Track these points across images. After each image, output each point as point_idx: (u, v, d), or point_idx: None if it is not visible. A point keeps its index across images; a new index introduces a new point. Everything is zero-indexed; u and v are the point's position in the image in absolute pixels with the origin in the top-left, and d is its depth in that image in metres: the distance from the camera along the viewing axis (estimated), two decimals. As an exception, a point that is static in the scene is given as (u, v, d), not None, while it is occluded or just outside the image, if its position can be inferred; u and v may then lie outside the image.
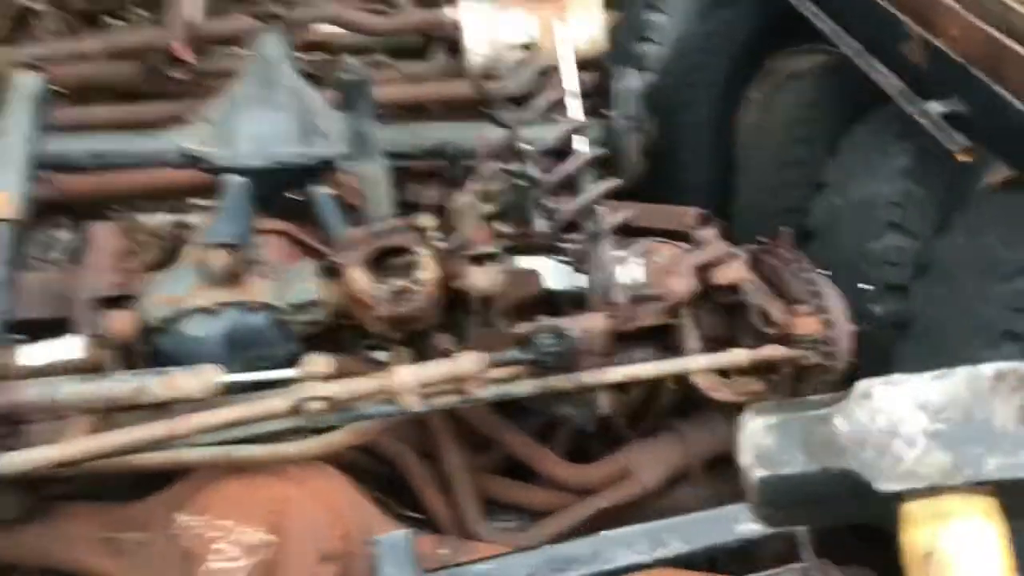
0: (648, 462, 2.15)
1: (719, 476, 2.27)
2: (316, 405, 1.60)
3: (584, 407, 1.95)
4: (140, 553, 1.91)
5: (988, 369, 0.82)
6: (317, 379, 1.65)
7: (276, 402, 1.61)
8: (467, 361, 1.69)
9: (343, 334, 2.20)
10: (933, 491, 0.79)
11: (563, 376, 1.80)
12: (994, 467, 0.78)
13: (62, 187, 2.98)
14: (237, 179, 2.11)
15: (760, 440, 0.87)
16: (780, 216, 2.57)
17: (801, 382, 2.03)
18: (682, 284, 1.96)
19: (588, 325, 1.87)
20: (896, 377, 0.85)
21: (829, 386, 2.03)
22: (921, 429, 0.81)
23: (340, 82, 2.10)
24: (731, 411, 2.15)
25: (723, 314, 2.19)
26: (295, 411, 1.61)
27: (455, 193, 2.16)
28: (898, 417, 0.82)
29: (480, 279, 1.94)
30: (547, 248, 2.22)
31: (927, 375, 0.84)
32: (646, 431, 2.24)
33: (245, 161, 2.77)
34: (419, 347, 2.21)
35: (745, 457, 0.87)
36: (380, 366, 2.13)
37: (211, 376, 1.67)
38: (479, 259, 1.97)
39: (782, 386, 2.05)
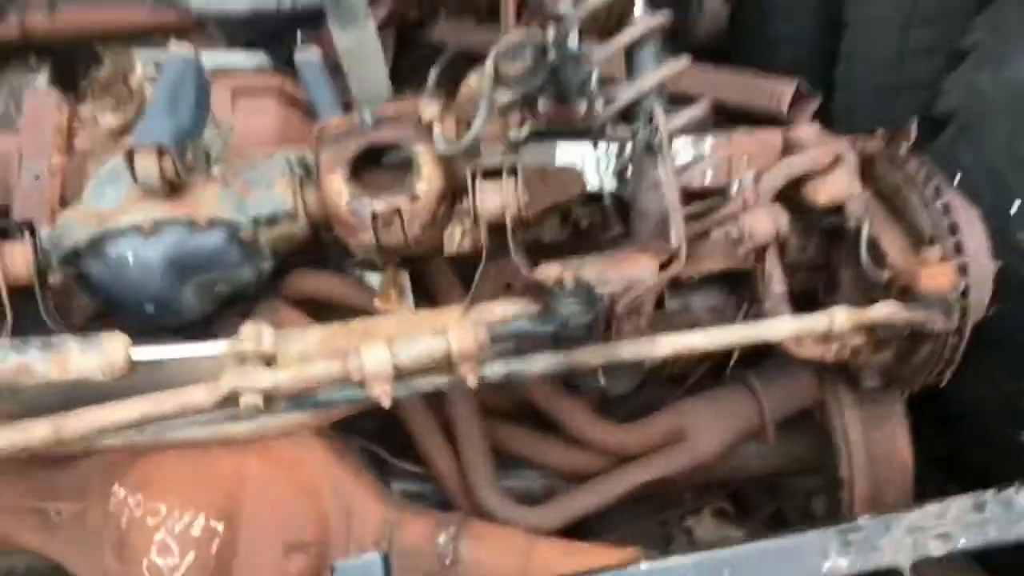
0: (707, 424, 1.70)
1: (794, 434, 1.82)
2: (250, 399, 1.17)
3: (621, 376, 1.49)
4: (73, 528, 1.57)
5: None
6: (255, 360, 1.21)
7: (198, 395, 1.18)
8: (458, 338, 1.23)
9: (329, 247, 1.74)
10: None
11: (591, 349, 1.33)
12: None
13: (23, 25, 2.53)
14: (180, 52, 1.59)
15: None
16: (902, 94, 1.98)
17: (918, 343, 1.52)
18: (767, 224, 1.42)
19: (633, 274, 1.38)
20: None
21: (955, 349, 1.53)
22: None
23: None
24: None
25: (820, 238, 1.67)
26: (224, 405, 1.19)
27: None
28: None
29: (490, 200, 1.44)
30: (591, 132, 1.69)
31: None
32: (706, 382, 1.78)
33: (223, 5, 2.27)
34: (422, 270, 1.75)
35: None
36: (370, 295, 1.70)
37: (116, 352, 1.24)
38: (491, 172, 1.47)
39: (891, 345, 1.56)
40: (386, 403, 1.20)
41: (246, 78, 2.22)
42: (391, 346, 1.23)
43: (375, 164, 1.67)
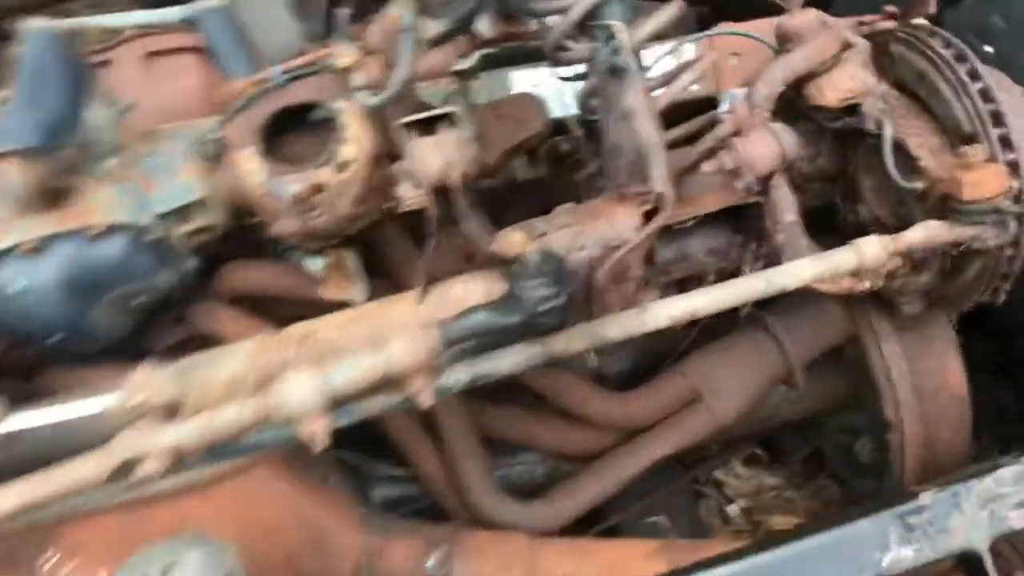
0: (724, 382, 1.46)
1: (827, 371, 1.58)
2: (152, 465, 0.93)
3: (615, 352, 1.24)
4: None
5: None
6: (151, 412, 0.97)
7: (85, 470, 0.94)
8: (403, 350, 0.98)
9: (258, 233, 1.48)
10: None
11: (571, 333, 1.07)
12: None
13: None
14: (37, 27, 1.31)
15: None
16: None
17: (966, 260, 1.26)
18: (768, 150, 1.15)
19: (611, 233, 1.12)
20: None
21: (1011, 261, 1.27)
22: None
23: None
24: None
25: (832, 143, 1.40)
26: (123, 474, 0.95)
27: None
28: None
29: (430, 160, 1.18)
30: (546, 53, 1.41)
31: None
32: (719, 326, 1.53)
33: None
34: (372, 241, 1.50)
35: None
36: (314, 282, 1.45)
37: (-20, 422, 1.00)
38: (427, 124, 1.20)
39: (933, 264, 1.30)
40: (319, 444, 0.96)
41: (161, 38, 1.94)
42: (321, 370, 0.98)
43: (298, 129, 1.40)
